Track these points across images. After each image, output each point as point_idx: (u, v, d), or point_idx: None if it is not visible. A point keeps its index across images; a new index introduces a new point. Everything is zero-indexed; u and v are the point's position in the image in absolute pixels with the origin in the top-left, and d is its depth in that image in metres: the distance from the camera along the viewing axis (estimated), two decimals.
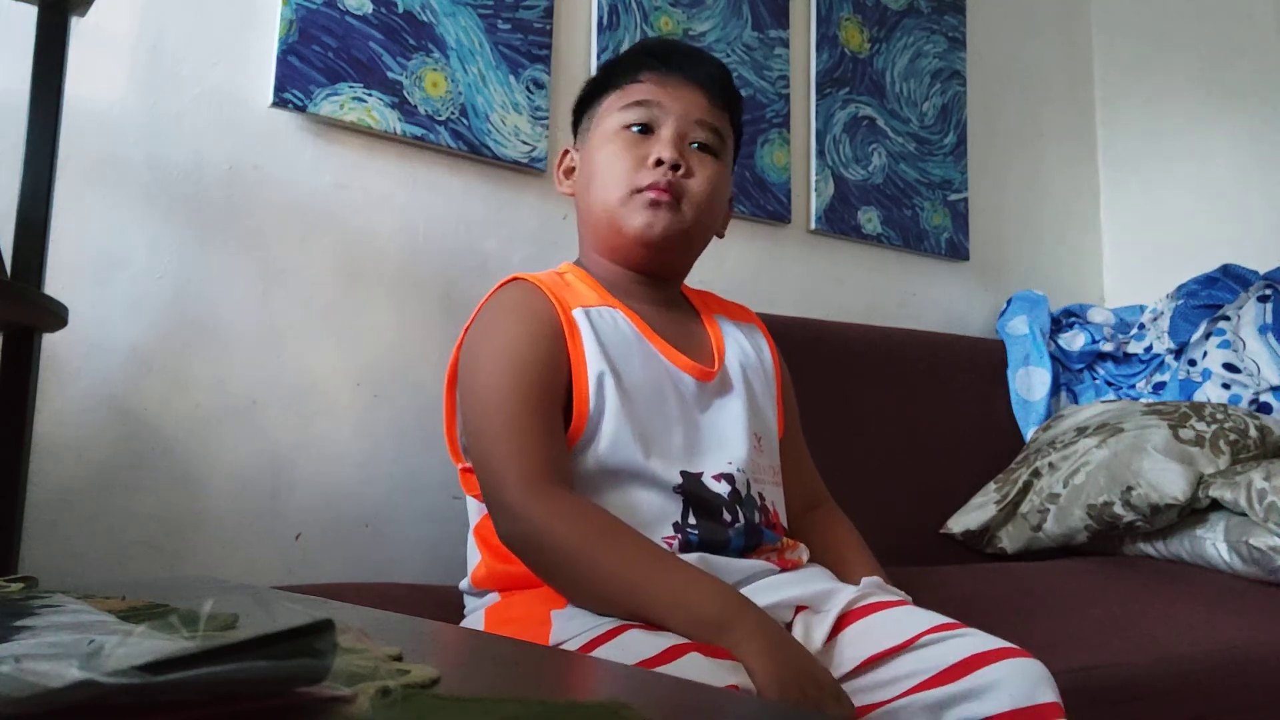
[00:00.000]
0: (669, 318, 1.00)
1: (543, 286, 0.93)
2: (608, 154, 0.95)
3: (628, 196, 0.93)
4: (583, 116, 1.04)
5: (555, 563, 0.80)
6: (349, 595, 0.94)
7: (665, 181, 0.92)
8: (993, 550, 1.59)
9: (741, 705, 0.41)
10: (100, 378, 1.14)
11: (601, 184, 0.95)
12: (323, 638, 0.29)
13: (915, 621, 0.78)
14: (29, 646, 0.36)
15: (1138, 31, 2.31)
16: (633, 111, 0.95)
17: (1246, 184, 2.07)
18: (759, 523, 0.91)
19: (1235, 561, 1.34)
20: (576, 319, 0.91)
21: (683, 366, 0.95)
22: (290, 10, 1.28)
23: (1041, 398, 1.84)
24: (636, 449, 0.87)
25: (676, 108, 0.95)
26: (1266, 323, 1.71)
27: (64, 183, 1.05)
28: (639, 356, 0.92)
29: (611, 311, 0.95)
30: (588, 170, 0.98)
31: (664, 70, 0.97)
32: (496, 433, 0.84)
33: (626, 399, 0.89)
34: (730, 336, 1.03)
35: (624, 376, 0.90)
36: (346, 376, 1.30)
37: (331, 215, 1.31)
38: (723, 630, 0.71)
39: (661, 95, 0.95)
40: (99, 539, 1.12)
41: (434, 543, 1.31)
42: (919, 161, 1.97)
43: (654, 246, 0.96)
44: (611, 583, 0.76)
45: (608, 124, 0.97)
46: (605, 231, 0.97)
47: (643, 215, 0.93)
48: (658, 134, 0.95)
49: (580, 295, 0.95)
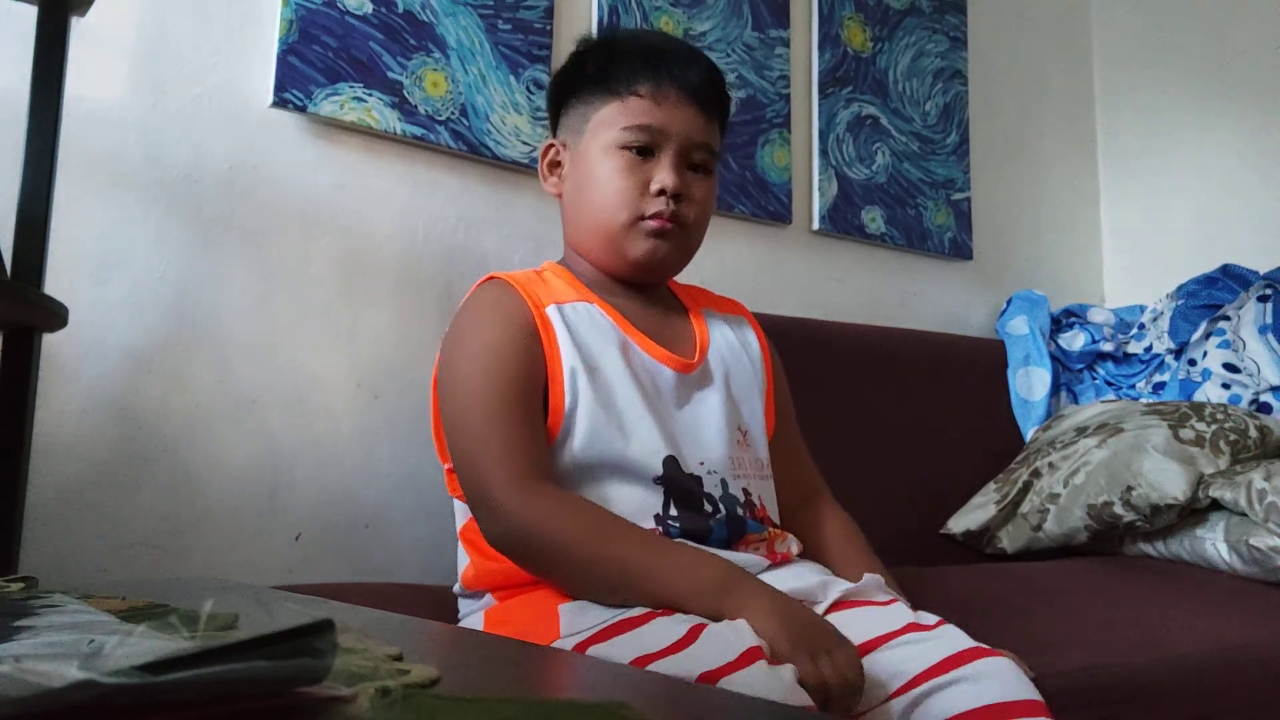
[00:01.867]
0: (649, 312, 1.00)
1: (516, 285, 0.94)
2: (606, 171, 0.95)
3: (632, 222, 0.94)
4: (567, 107, 1.02)
5: (551, 559, 0.80)
6: (349, 595, 0.93)
7: (669, 212, 0.93)
8: (993, 550, 1.59)
9: (741, 705, 0.41)
10: (100, 378, 1.14)
11: (600, 202, 0.95)
12: (323, 638, 0.29)
13: (895, 618, 0.79)
14: (29, 646, 0.36)
15: (1138, 32, 2.31)
16: (633, 134, 0.94)
17: (1246, 184, 2.07)
18: (742, 515, 0.91)
19: (1235, 561, 1.34)
20: (550, 316, 0.92)
21: (660, 358, 0.95)
22: (290, 10, 1.28)
23: (1041, 398, 1.84)
24: (614, 440, 0.87)
25: (677, 130, 0.95)
26: (1266, 323, 1.71)
27: (64, 183, 1.05)
28: (615, 349, 0.92)
29: (587, 306, 0.95)
30: (582, 179, 0.98)
31: (660, 83, 0.96)
32: (478, 433, 0.85)
33: (601, 392, 0.89)
34: (715, 330, 1.03)
35: (599, 370, 0.90)
36: (346, 377, 1.30)
37: (331, 215, 1.31)
38: (726, 595, 0.73)
39: (661, 118, 0.95)
40: (99, 539, 1.12)
41: (434, 543, 1.31)
42: (922, 161, 1.97)
43: (655, 272, 0.99)
44: (610, 570, 0.78)
45: (605, 137, 0.96)
46: (601, 246, 0.97)
47: (646, 244, 0.94)
48: (658, 158, 0.95)
49: (556, 292, 0.95)
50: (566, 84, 1.02)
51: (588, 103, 0.99)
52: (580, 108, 0.99)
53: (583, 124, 0.99)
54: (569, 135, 1.01)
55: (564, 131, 1.02)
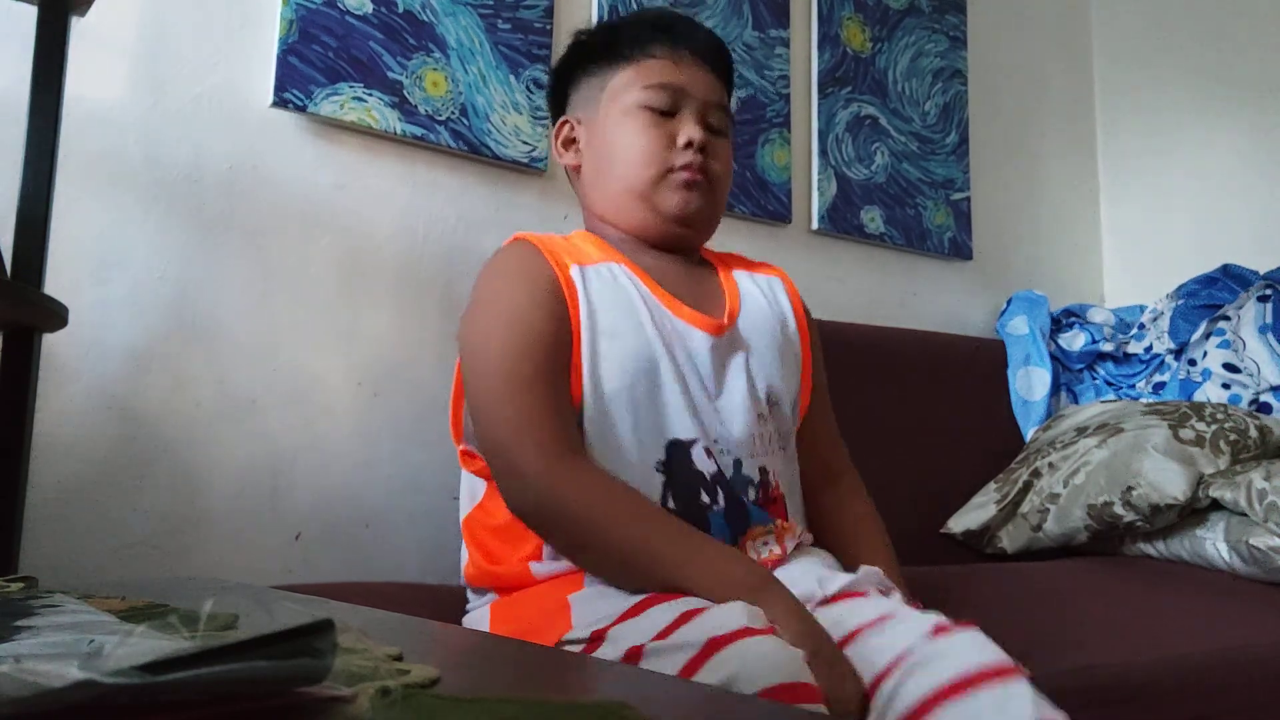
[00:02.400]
0: (678, 271, 0.97)
1: (540, 245, 0.92)
2: (630, 131, 0.95)
3: (660, 176, 0.94)
4: (576, 84, 1.01)
5: (579, 536, 0.79)
6: (349, 595, 0.93)
7: (699, 163, 0.94)
8: (993, 550, 1.59)
9: (741, 704, 0.41)
10: (100, 378, 1.14)
11: (626, 161, 0.95)
12: (323, 638, 0.29)
13: (875, 609, 0.76)
14: (29, 646, 0.36)
15: (1138, 31, 2.31)
16: (655, 94, 0.94)
17: (1246, 184, 2.07)
18: (753, 499, 0.88)
19: (1235, 561, 1.33)
20: (574, 277, 0.89)
21: (690, 319, 0.92)
22: (290, 10, 1.28)
23: (1041, 398, 1.84)
24: (623, 419, 0.85)
25: (697, 91, 0.96)
26: (1266, 323, 1.71)
27: (64, 183, 1.05)
28: (641, 311, 0.89)
29: (612, 266, 0.93)
30: (603, 145, 0.97)
31: (675, 47, 0.97)
32: (506, 400, 0.82)
33: (617, 360, 0.86)
34: (747, 290, 1.00)
35: (618, 336, 0.87)
36: (346, 376, 1.30)
37: (331, 215, 1.31)
38: (754, 593, 0.73)
39: (680, 78, 0.95)
40: (99, 539, 1.12)
41: (434, 543, 1.31)
42: (921, 161, 1.97)
43: (689, 224, 0.97)
44: (639, 557, 0.77)
45: (625, 100, 0.96)
46: (630, 206, 0.96)
47: (678, 195, 0.94)
48: (680, 116, 0.95)
49: (582, 254, 0.93)
50: (573, 64, 1.02)
51: (599, 74, 0.99)
52: (592, 80, 0.99)
53: (597, 94, 0.98)
54: (583, 109, 1.00)
55: (577, 107, 1.01)
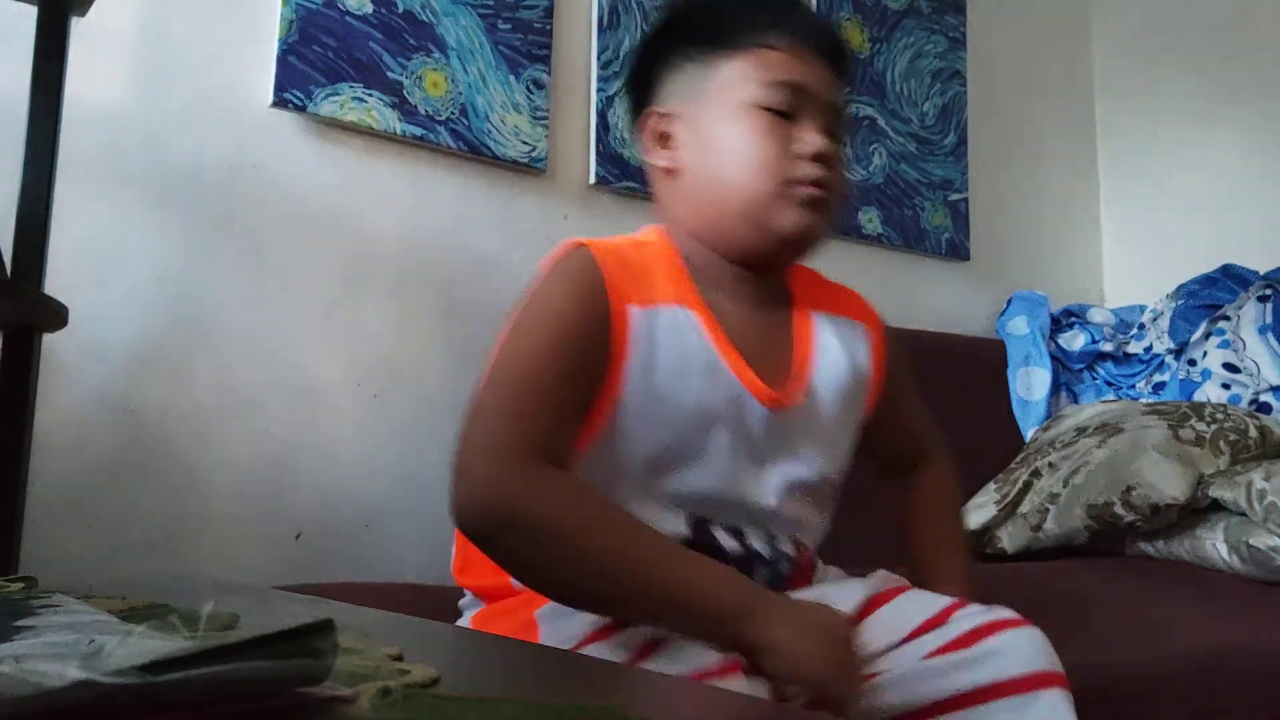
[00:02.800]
0: (755, 320, 0.85)
1: (602, 269, 0.79)
2: (742, 134, 0.81)
3: (780, 189, 0.80)
4: (671, 68, 0.87)
5: (535, 547, 0.67)
6: (349, 595, 0.93)
7: (823, 179, 0.81)
8: (993, 550, 1.59)
9: (742, 705, 0.41)
10: (100, 378, 1.14)
11: (737, 169, 0.81)
12: (323, 638, 0.29)
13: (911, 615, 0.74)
14: (29, 646, 0.36)
15: (1138, 31, 2.31)
16: (774, 92, 0.81)
17: (1246, 184, 2.07)
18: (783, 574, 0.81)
19: (1235, 561, 1.33)
20: (631, 317, 0.77)
21: (750, 386, 0.80)
22: (290, 10, 1.28)
23: (1041, 398, 1.84)
24: (643, 482, 0.77)
25: (819, 90, 0.83)
26: (1266, 323, 1.71)
27: (64, 183, 1.05)
28: (698, 373, 0.79)
29: (677, 312, 0.80)
30: (709, 145, 0.83)
31: (795, 35, 0.83)
32: (504, 388, 0.73)
33: (653, 416, 0.77)
34: (824, 348, 0.88)
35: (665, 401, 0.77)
36: (347, 376, 1.30)
37: (331, 215, 1.31)
38: (747, 619, 0.64)
39: (803, 76, 0.82)
40: (99, 539, 1.12)
41: (434, 543, 1.31)
42: (920, 161, 1.97)
43: (801, 247, 0.85)
44: (609, 573, 0.66)
45: (737, 96, 0.82)
46: (737, 223, 0.83)
47: (797, 214, 0.81)
48: (801, 121, 0.82)
49: (646, 287, 0.80)
50: (665, 42, 0.88)
51: (704, 61, 0.85)
52: (692, 67, 0.85)
53: (700, 84, 0.84)
54: (679, 101, 0.86)
55: (670, 97, 0.87)
